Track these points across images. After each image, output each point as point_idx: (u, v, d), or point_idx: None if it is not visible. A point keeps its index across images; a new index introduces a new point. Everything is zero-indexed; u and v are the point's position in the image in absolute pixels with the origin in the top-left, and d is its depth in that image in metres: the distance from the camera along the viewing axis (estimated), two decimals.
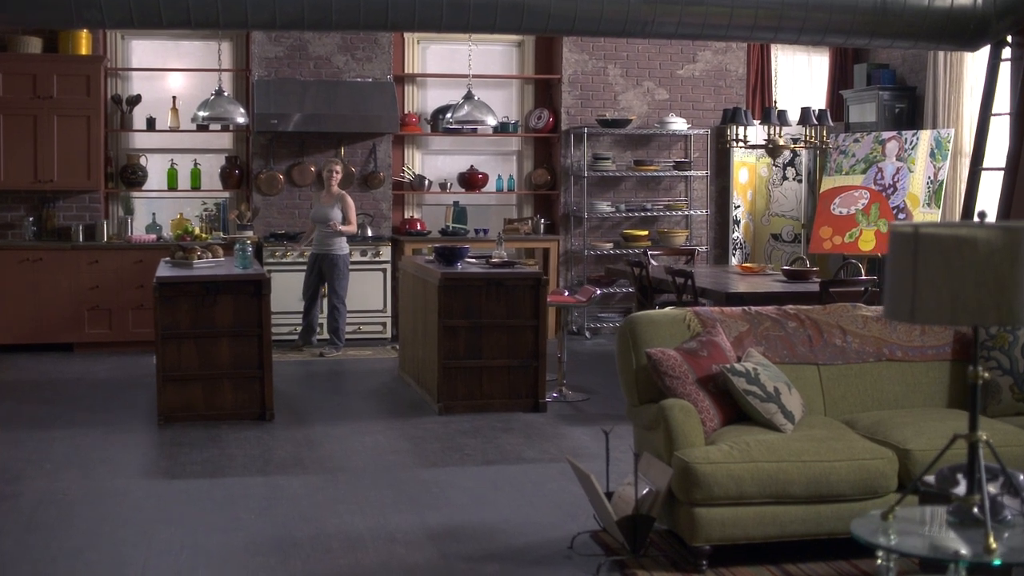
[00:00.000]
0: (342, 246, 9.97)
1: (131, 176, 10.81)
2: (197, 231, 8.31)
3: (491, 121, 8.97)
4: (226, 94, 8.85)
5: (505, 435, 7.10)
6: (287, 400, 8.02)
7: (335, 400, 8.27)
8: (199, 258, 8.13)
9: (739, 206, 11.76)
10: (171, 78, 11.13)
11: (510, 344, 7.76)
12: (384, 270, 10.78)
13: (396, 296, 10.82)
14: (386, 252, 10.79)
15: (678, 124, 11.42)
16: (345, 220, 9.90)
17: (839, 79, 11.79)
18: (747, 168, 11.77)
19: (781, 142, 8.90)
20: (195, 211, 11.08)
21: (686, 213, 11.61)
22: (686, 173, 11.56)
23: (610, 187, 11.50)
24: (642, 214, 11.49)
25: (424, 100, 11.55)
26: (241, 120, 8.70)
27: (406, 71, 11.35)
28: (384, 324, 10.82)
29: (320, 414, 7.74)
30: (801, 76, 12.24)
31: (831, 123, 9.44)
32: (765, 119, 8.76)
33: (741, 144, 9.19)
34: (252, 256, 7.94)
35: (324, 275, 9.97)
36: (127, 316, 10.27)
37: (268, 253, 10.44)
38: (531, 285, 7.79)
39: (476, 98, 9.14)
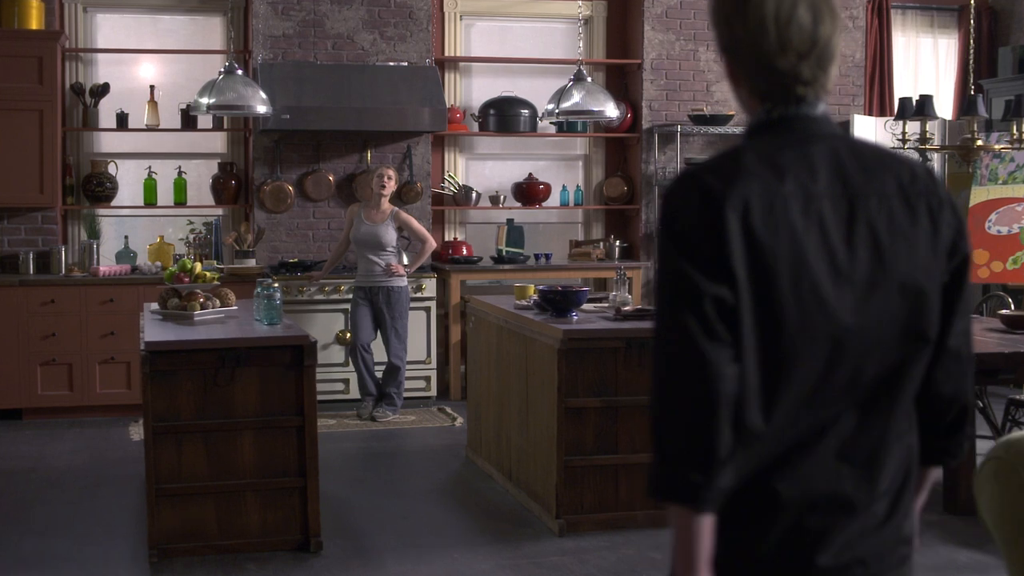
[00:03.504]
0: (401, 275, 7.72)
1: (97, 189, 8.34)
2: (199, 269, 5.85)
3: (611, 112, 6.58)
4: (239, 72, 6.39)
5: None
6: (330, 508, 5.53)
7: (398, 507, 5.83)
8: (202, 307, 5.70)
9: None
10: (147, 63, 8.70)
11: None
12: (427, 309, 8.36)
13: (439, 342, 8.48)
14: (430, 286, 8.39)
15: None
16: (420, 239, 7.90)
17: (974, 65, 9.58)
18: None
19: (980, 142, 6.62)
20: (180, 233, 8.67)
21: None
22: None
23: None
24: None
25: (468, 90, 9.17)
26: (263, 109, 6.27)
27: (446, 54, 8.98)
28: (428, 379, 8.40)
29: (385, 538, 5.32)
30: (926, 63, 10.05)
31: None
32: (968, 109, 6.45)
33: (922, 143, 6.83)
34: (281, 306, 5.51)
35: (379, 315, 7.64)
36: (93, 373, 7.81)
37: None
38: None
39: (590, 80, 6.70)
